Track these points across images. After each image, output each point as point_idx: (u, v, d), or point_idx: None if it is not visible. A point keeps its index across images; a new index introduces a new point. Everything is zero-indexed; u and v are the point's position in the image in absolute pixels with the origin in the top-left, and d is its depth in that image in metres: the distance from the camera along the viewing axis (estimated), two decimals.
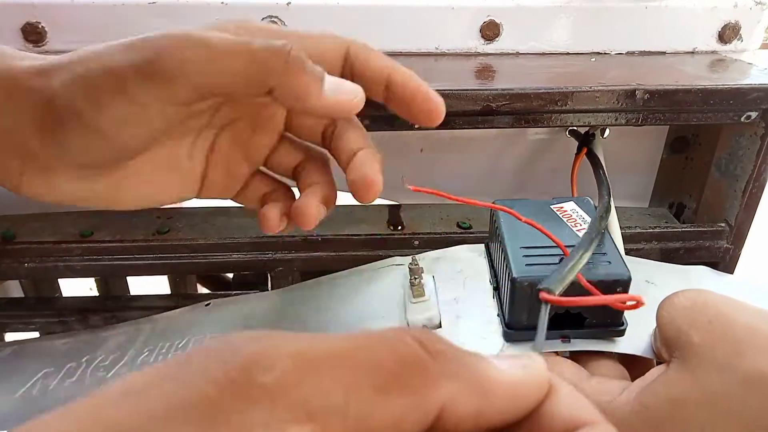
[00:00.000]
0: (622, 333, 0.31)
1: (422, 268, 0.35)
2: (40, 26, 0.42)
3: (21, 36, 0.42)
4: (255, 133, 0.31)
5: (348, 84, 0.27)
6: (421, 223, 0.45)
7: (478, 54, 0.45)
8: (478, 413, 0.16)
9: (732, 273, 0.46)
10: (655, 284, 0.37)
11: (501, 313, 0.32)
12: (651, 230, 0.44)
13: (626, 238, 0.44)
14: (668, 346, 0.28)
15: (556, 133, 0.46)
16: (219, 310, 0.41)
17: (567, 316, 0.30)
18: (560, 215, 0.34)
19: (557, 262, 0.30)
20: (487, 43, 0.45)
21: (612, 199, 0.37)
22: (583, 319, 0.30)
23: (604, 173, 0.39)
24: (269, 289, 0.43)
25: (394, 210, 0.47)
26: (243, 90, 0.26)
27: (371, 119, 0.37)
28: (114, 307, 0.45)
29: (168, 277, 0.60)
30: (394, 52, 0.45)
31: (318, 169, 0.32)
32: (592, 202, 0.35)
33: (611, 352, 0.31)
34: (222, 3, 0.42)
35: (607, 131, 0.42)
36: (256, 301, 0.41)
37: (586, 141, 0.42)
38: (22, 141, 0.26)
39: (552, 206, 0.35)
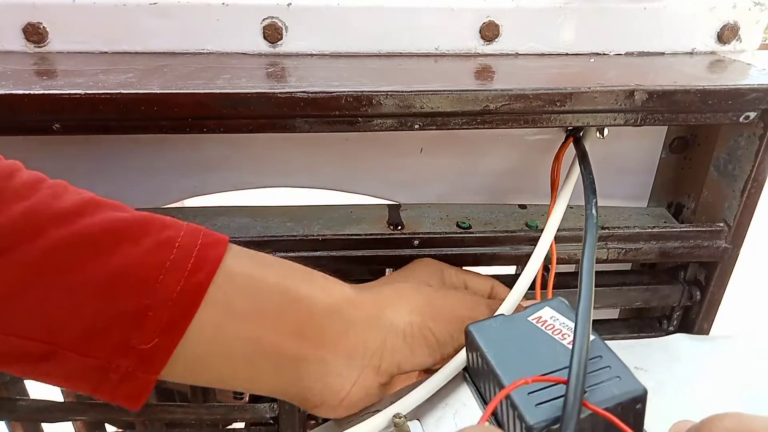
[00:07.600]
0: None
1: (406, 417, 0.33)
2: (41, 27, 0.42)
3: (22, 36, 0.42)
4: None
5: None
6: (420, 222, 0.46)
7: (478, 55, 0.46)
8: None
9: (731, 273, 0.46)
10: (645, 369, 0.35)
11: None
12: (650, 230, 0.44)
13: (625, 238, 0.44)
14: None
15: (555, 134, 0.47)
16: None
17: None
18: (542, 328, 0.32)
19: (564, 392, 0.27)
20: (487, 44, 0.45)
21: (596, 201, 0.36)
22: None
23: (589, 167, 0.38)
24: None
25: (393, 210, 0.47)
26: None
27: (371, 117, 0.37)
28: None
29: None
30: (394, 53, 0.45)
31: None
32: (565, 302, 0.33)
33: None
34: (223, 4, 0.42)
35: (606, 131, 0.42)
36: None
37: (574, 131, 0.42)
38: None
39: (529, 318, 0.32)
